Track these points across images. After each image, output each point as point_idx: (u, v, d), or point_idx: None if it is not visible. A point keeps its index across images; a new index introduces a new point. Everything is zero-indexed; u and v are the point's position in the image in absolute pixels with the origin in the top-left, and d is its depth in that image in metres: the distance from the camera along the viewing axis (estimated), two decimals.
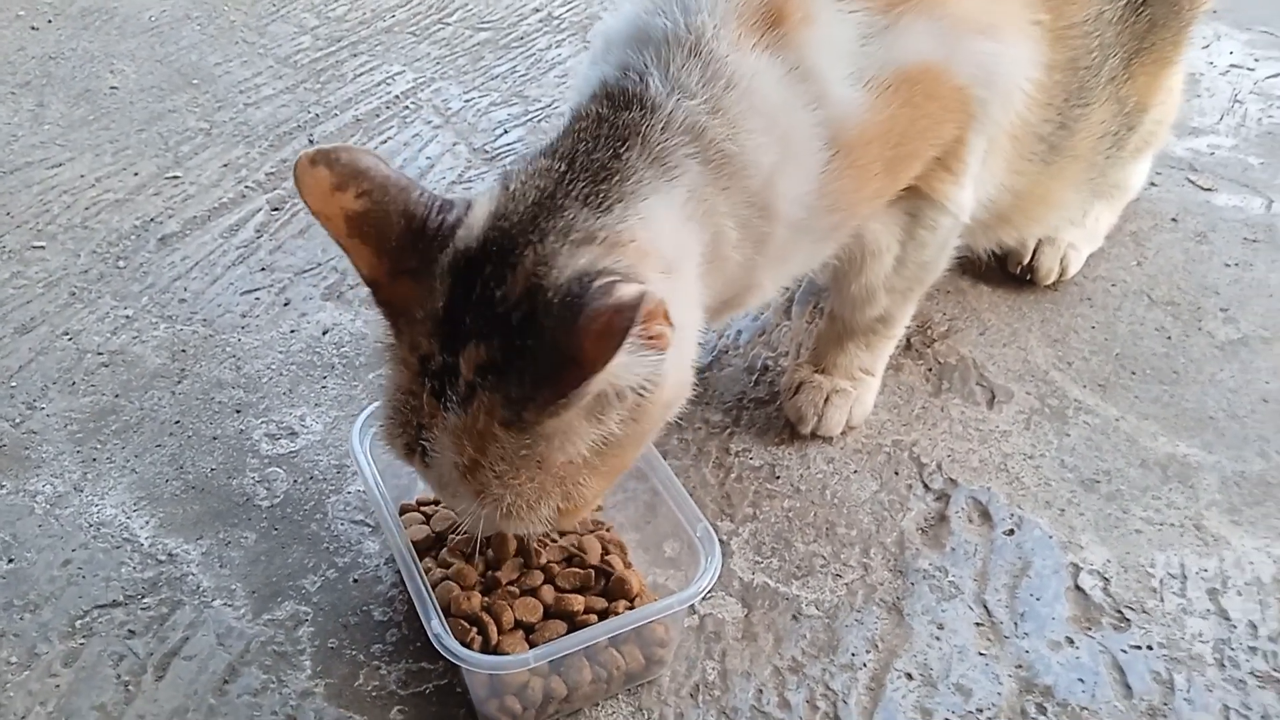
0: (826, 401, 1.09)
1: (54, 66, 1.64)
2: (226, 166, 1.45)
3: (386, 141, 1.50)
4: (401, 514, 0.94)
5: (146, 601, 0.94)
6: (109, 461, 1.06)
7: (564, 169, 0.78)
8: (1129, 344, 1.22)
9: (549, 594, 0.87)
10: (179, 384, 1.15)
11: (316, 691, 0.88)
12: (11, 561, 0.97)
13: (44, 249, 1.31)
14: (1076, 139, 1.08)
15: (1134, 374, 1.18)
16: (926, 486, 1.06)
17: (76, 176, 1.42)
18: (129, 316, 1.22)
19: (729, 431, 1.11)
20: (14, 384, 1.14)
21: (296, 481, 1.05)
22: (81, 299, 1.24)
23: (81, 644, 0.91)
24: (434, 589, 0.85)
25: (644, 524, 0.96)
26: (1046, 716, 0.88)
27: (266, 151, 1.48)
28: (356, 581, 0.97)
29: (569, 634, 0.82)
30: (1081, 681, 0.90)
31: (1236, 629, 0.95)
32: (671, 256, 0.78)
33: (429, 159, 1.47)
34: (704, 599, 0.94)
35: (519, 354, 0.72)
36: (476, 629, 0.84)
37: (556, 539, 0.89)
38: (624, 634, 0.83)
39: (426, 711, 0.87)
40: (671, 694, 0.89)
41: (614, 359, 0.68)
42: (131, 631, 0.92)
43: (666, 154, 0.79)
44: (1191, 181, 1.45)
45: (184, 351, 1.18)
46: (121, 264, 1.30)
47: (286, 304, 1.25)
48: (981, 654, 0.92)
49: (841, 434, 1.10)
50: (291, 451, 1.08)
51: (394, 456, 0.80)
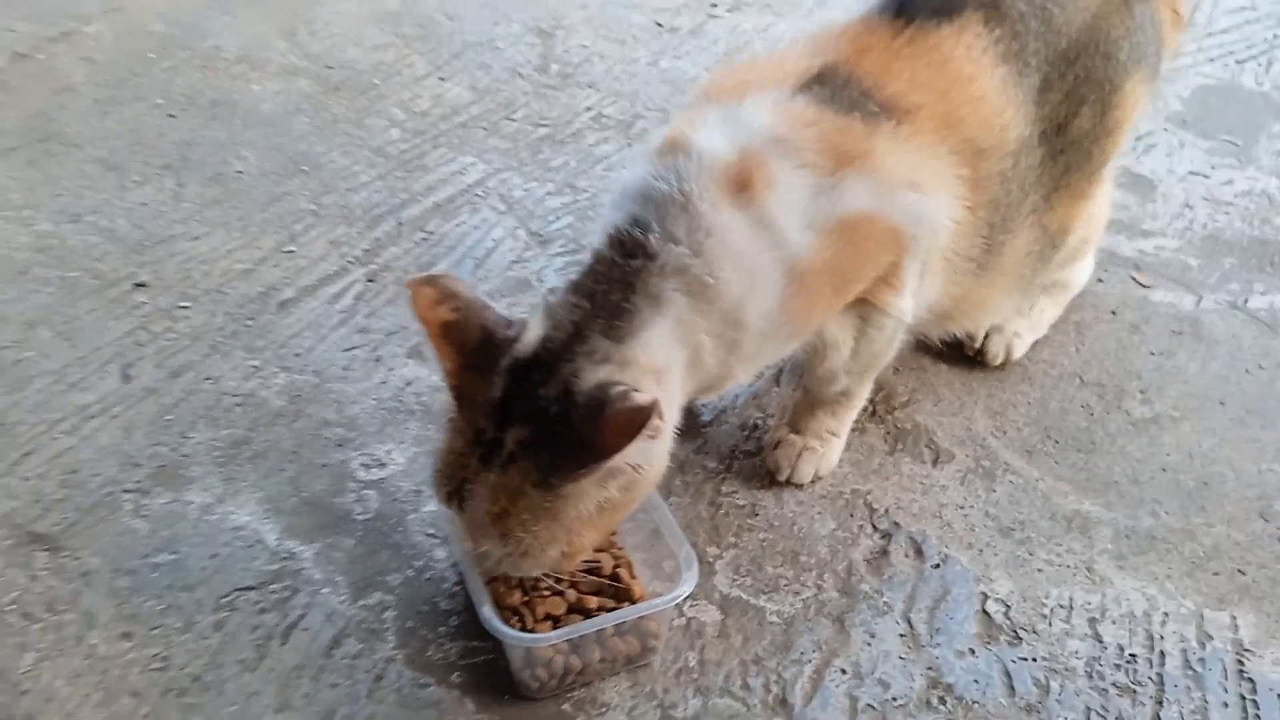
0: (799, 456, 1.38)
1: (189, 151, 1.98)
2: (331, 243, 1.78)
3: (460, 225, 1.82)
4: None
5: (273, 587, 1.26)
6: (244, 481, 1.38)
7: (589, 306, 1.08)
8: (1057, 418, 1.49)
9: (572, 595, 1.17)
10: (295, 422, 1.47)
11: (397, 659, 1.19)
12: (173, 554, 1.29)
13: (189, 309, 1.64)
14: (1004, 258, 1.36)
15: (1057, 443, 1.45)
16: (875, 527, 1.34)
17: (211, 249, 1.76)
18: (256, 366, 1.55)
19: (721, 476, 1.40)
20: (170, 418, 1.47)
21: (384, 502, 1.36)
22: (219, 351, 1.57)
23: (226, 616, 1.23)
24: (485, 587, 1.15)
25: (649, 547, 1.25)
26: (945, 706, 1.16)
27: (364, 231, 1.81)
28: (429, 580, 1.27)
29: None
30: (976, 682, 1.18)
31: (1107, 650, 1.21)
32: (662, 368, 1.08)
33: (494, 240, 1.79)
34: (691, 605, 1.24)
35: (551, 436, 1.02)
36: (517, 617, 1.14)
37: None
38: (625, 625, 1.13)
39: (478, 676, 1.17)
40: (660, 674, 1.18)
41: (630, 447, 0.98)
42: (262, 609, 1.24)
43: (660, 292, 1.09)
44: (1134, 279, 1.72)
45: (299, 396, 1.51)
46: (249, 323, 1.62)
47: (378, 360, 1.57)
48: (902, 658, 1.20)
49: (811, 482, 1.39)
50: (381, 478, 1.39)
51: (437, 500, 1.10)
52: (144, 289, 1.67)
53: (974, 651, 1.21)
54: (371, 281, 1.70)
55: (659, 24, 2.40)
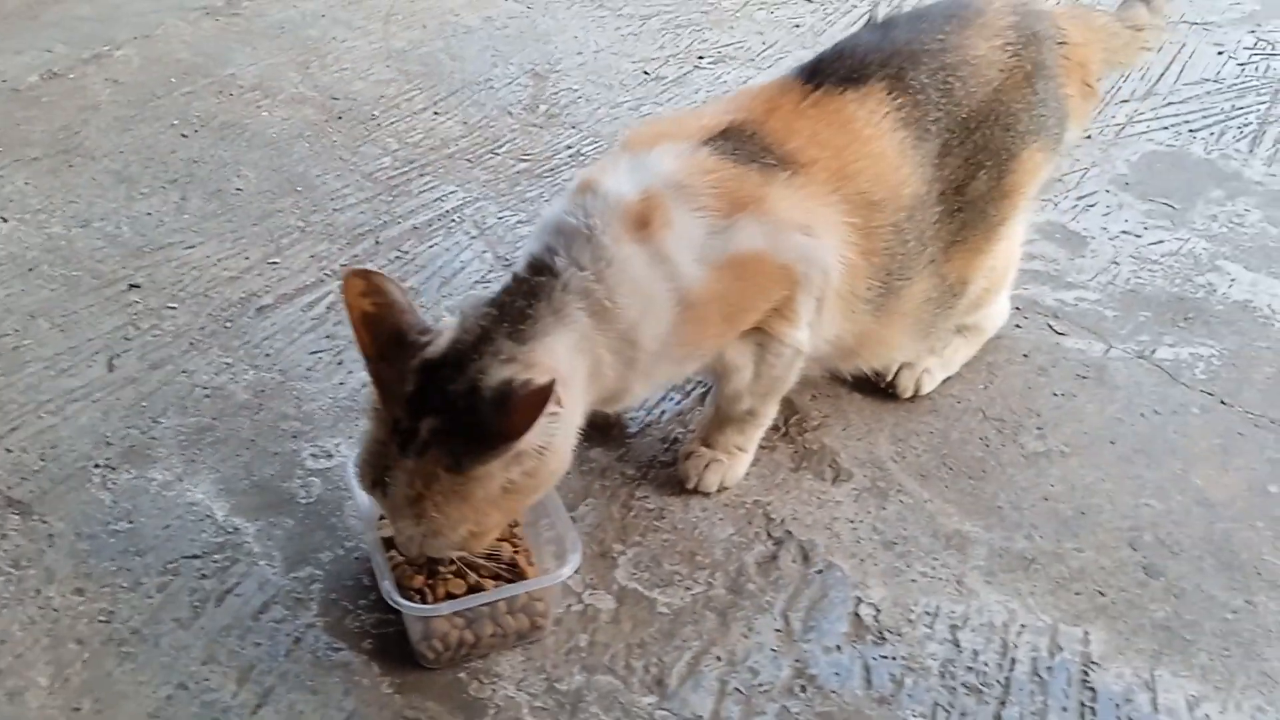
0: (706, 467, 1.50)
1: (196, 169, 2.16)
2: (313, 257, 1.94)
3: (433, 246, 1.98)
4: (380, 519, 1.37)
5: (215, 557, 1.40)
6: (203, 463, 1.53)
7: (497, 314, 1.22)
8: (955, 447, 1.60)
9: (472, 578, 1.30)
10: (257, 414, 1.62)
11: (317, 625, 1.32)
12: (130, 523, 1.44)
13: (175, 310, 1.81)
14: (902, 301, 1.49)
15: (951, 470, 1.57)
16: (769, 535, 1.46)
17: (204, 257, 1.92)
18: (229, 363, 1.71)
19: (637, 483, 1.53)
20: (144, 404, 1.62)
21: (327, 489, 1.50)
22: (197, 348, 1.73)
23: (170, 579, 1.37)
24: (393, 570, 1.28)
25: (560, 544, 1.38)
26: (805, 694, 1.27)
27: (344, 248, 1.97)
28: (357, 559, 1.41)
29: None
30: (838, 675, 1.29)
31: (962, 653, 1.32)
32: (565, 375, 1.21)
33: (462, 262, 1.94)
34: (590, 593, 1.36)
35: (460, 426, 1.15)
36: (420, 596, 1.27)
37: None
38: (516, 603, 1.26)
39: (388, 645, 1.30)
40: (552, 651, 1.30)
41: (535, 426, 1.11)
42: (203, 575, 1.38)
43: (564, 307, 1.22)
44: (1050, 326, 1.83)
45: (263, 391, 1.66)
46: (228, 325, 1.78)
47: (340, 364, 1.71)
48: (774, 650, 1.32)
49: (717, 492, 1.51)
50: (327, 468, 1.53)
51: (361, 487, 1.23)
52: (137, 290, 1.84)
53: (840, 648, 1.32)
54: None
55: (646, 72, 2.56)
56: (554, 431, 1.18)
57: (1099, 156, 2.28)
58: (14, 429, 1.56)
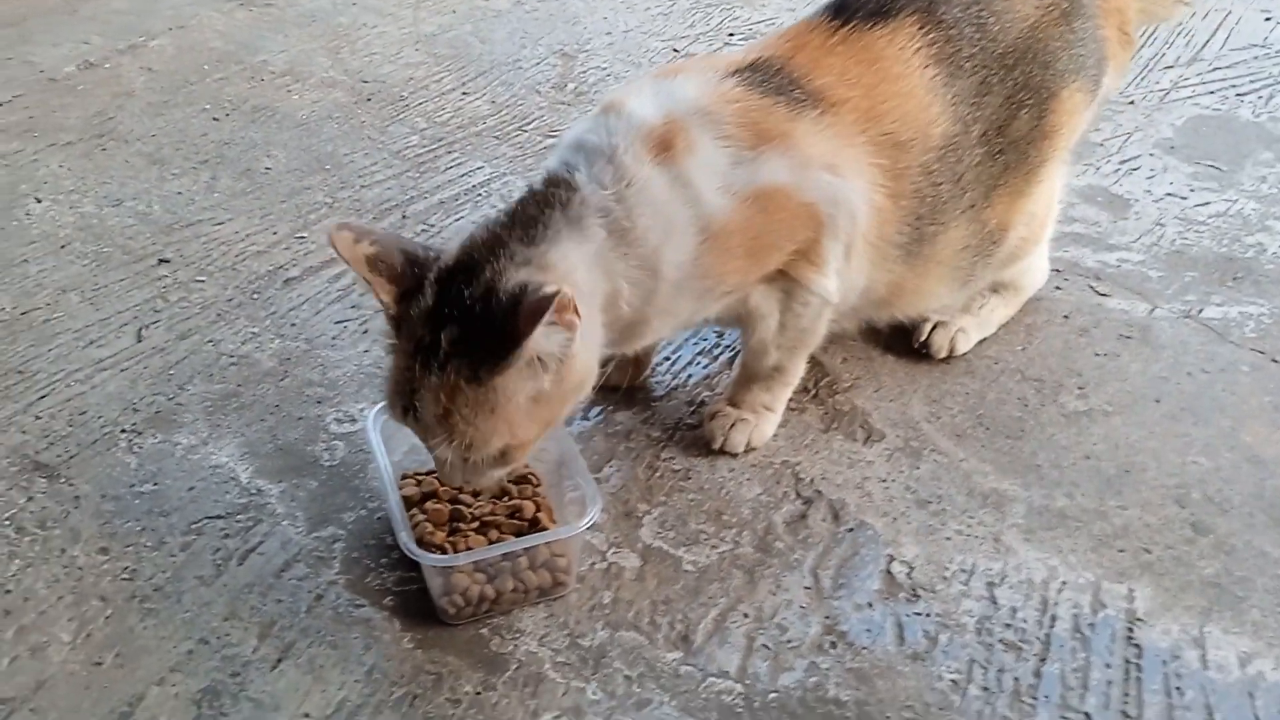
0: (732, 427, 1.47)
1: (226, 150, 2.17)
2: None
3: (459, 219, 1.96)
4: (401, 479, 1.35)
5: (239, 518, 1.39)
6: (228, 428, 1.52)
7: (509, 221, 1.20)
8: (992, 408, 1.56)
9: (494, 535, 1.27)
10: (282, 381, 1.61)
11: (339, 583, 1.31)
12: (155, 485, 1.43)
13: (204, 283, 1.81)
14: (937, 249, 1.45)
15: (987, 429, 1.52)
16: (798, 494, 1.43)
17: (232, 233, 1.93)
18: (255, 333, 1.70)
19: (662, 445, 1.50)
20: (172, 372, 1.62)
21: (350, 452, 1.49)
22: (224, 319, 1.73)
23: (193, 539, 1.36)
24: (414, 529, 1.26)
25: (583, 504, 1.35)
26: (835, 650, 1.23)
27: (371, 222, 1.96)
28: (379, 520, 1.39)
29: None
30: (869, 631, 1.25)
31: (999, 610, 1.28)
32: (582, 287, 1.18)
33: None
34: (614, 551, 1.34)
35: (479, 333, 1.12)
36: (440, 551, 1.25)
37: (504, 496, 1.29)
38: (537, 558, 1.23)
39: (409, 601, 1.28)
40: (575, 608, 1.28)
41: (535, 332, 1.08)
42: (226, 535, 1.37)
43: (582, 219, 1.20)
44: (1092, 288, 1.78)
45: (289, 359, 1.65)
46: (255, 296, 1.78)
47: (365, 332, 1.70)
48: (803, 607, 1.28)
49: (745, 453, 1.48)
50: (350, 432, 1.52)
51: (392, 417, 1.22)
52: (167, 264, 1.84)
53: (871, 605, 1.28)
54: None
55: (675, 50, 2.54)
56: (569, 340, 1.14)
57: (1142, 121, 2.22)
58: (43, 396, 1.57)
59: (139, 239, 1.90)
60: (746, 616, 1.27)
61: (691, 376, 1.62)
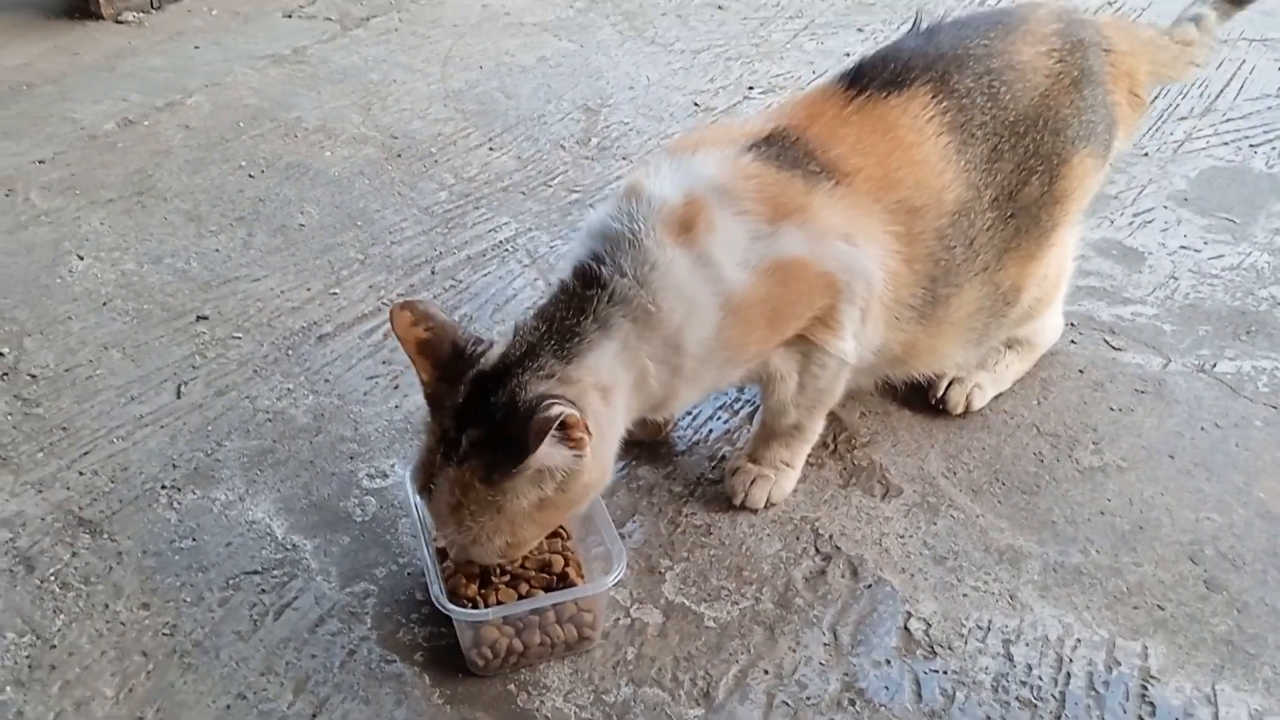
0: (753, 483, 1.50)
1: (262, 206, 2.24)
2: (371, 288, 1.99)
3: (487, 275, 2.02)
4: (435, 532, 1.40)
5: (275, 573, 1.44)
6: (264, 484, 1.58)
7: (544, 329, 1.25)
8: (1008, 463, 1.59)
9: (524, 588, 1.32)
10: (316, 437, 1.66)
11: (371, 638, 1.35)
12: (194, 541, 1.49)
13: (241, 339, 1.87)
14: (951, 310, 1.48)
15: (1003, 485, 1.55)
16: (817, 550, 1.46)
17: (268, 289, 1.99)
18: (290, 389, 1.76)
19: (684, 500, 1.54)
20: (210, 428, 1.68)
21: (381, 507, 1.53)
22: (261, 375, 1.79)
23: (230, 594, 1.41)
24: (446, 581, 1.30)
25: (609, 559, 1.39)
26: (854, 707, 1.26)
27: (401, 278, 2.02)
28: (410, 574, 1.43)
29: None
30: (887, 689, 1.28)
31: (1016, 668, 1.30)
32: (608, 386, 1.23)
33: (514, 289, 1.98)
34: (637, 607, 1.37)
35: (497, 438, 1.18)
36: (472, 605, 1.29)
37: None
38: (564, 613, 1.27)
39: (439, 656, 1.32)
40: (600, 664, 1.31)
41: (540, 449, 1.13)
42: (263, 590, 1.41)
43: (609, 317, 1.25)
44: (1107, 342, 1.81)
45: (322, 415, 1.70)
46: (290, 352, 1.84)
47: (396, 388, 1.76)
48: (822, 664, 1.31)
49: (765, 508, 1.51)
50: (382, 487, 1.57)
51: (414, 491, 1.27)
52: (205, 321, 1.91)
53: (890, 662, 1.31)
54: None
55: (696, 104, 2.60)
56: (578, 457, 1.19)
57: (1156, 173, 2.26)
58: (86, 453, 1.62)
59: (178, 296, 1.97)
60: (767, 673, 1.30)
61: (712, 431, 1.66)
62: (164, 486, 1.57)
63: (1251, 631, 1.33)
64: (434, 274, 2.03)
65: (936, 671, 1.30)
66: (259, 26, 3.01)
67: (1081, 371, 1.75)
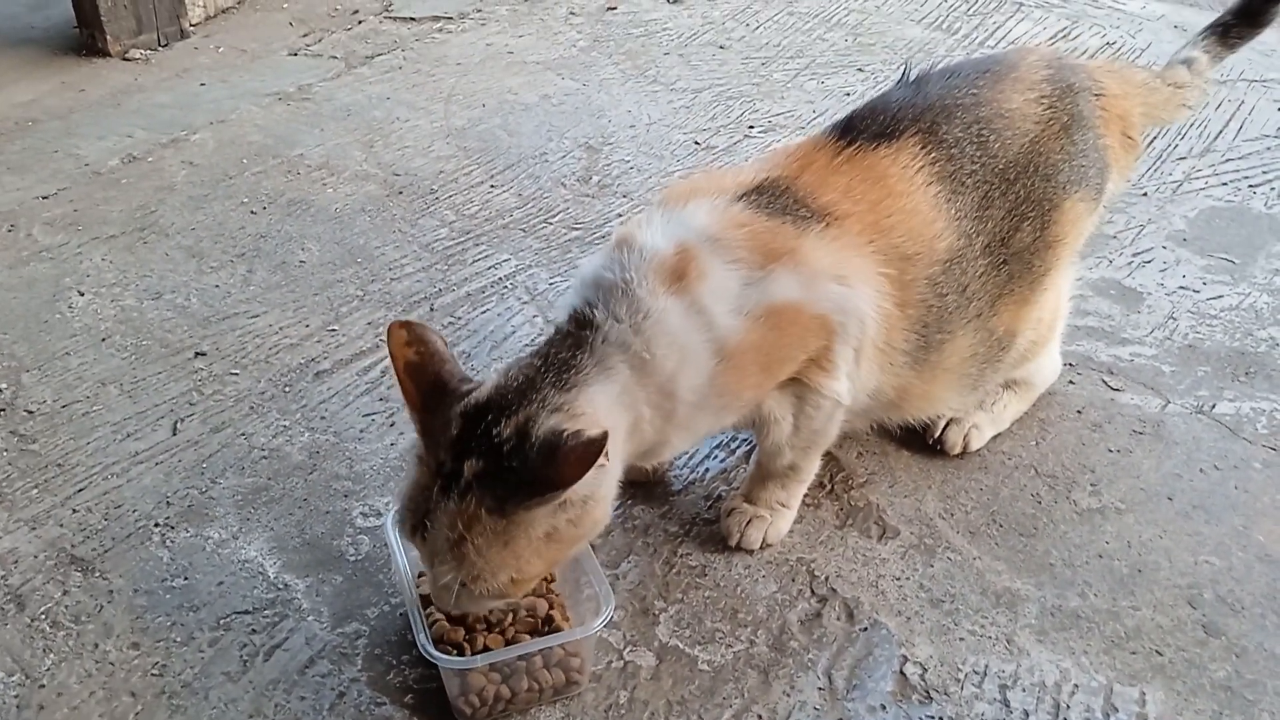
0: (748, 524, 1.50)
1: (263, 243, 2.25)
2: (370, 325, 2.00)
3: (485, 311, 2.02)
4: (418, 577, 1.39)
5: (266, 613, 1.43)
6: (257, 522, 1.57)
7: (541, 365, 1.24)
8: (1006, 504, 1.58)
9: (510, 634, 1.30)
10: (310, 474, 1.66)
11: (361, 680, 1.34)
12: (186, 579, 1.48)
13: (238, 375, 1.87)
14: (945, 356, 1.48)
15: (1001, 527, 1.54)
16: (813, 592, 1.45)
17: (266, 326, 1.99)
18: (286, 426, 1.76)
19: (679, 540, 1.53)
20: (204, 465, 1.67)
21: (374, 546, 1.53)
22: (257, 412, 1.79)
23: (221, 634, 1.40)
24: (431, 627, 1.29)
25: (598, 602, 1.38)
26: None
27: (399, 315, 2.02)
28: (401, 615, 1.42)
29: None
30: None
31: (1012, 714, 1.29)
32: (608, 426, 1.23)
33: (513, 327, 1.98)
34: (630, 650, 1.36)
35: (506, 470, 1.17)
36: (458, 651, 1.28)
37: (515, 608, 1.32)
38: (551, 658, 1.26)
39: (428, 700, 1.31)
40: (591, 707, 1.30)
41: (585, 476, 1.12)
42: (253, 630, 1.40)
43: (606, 359, 1.24)
44: (1105, 383, 1.81)
45: (318, 452, 1.70)
46: (287, 389, 1.84)
47: (393, 425, 1.75)
48: (816, 708, 1.30)
49: (760, 549, 1.50)
50: (375, 526, 1.56)
51: (402, 534, 1.25)
52: (203, 357, 1.91)
53: (885, 708, 1.29)
54: None
55: (697, 143, 2.61)
56: (600, 482, 1.19)
57: (1155, 213, 2.26)
58: (80, 490, 1.62)
59: (177, 332, 1.97)
60: (760, 718, 1.29)
61: (708, 471, 1.65)
62: (157, 524, 1.57)
63: (1250, 677, 1.31)
64: (433, 310, 2.03)
65: (932, 717, 1.28)
66: (265, 64, 3.03)
67: (1080, 412, 1.74)
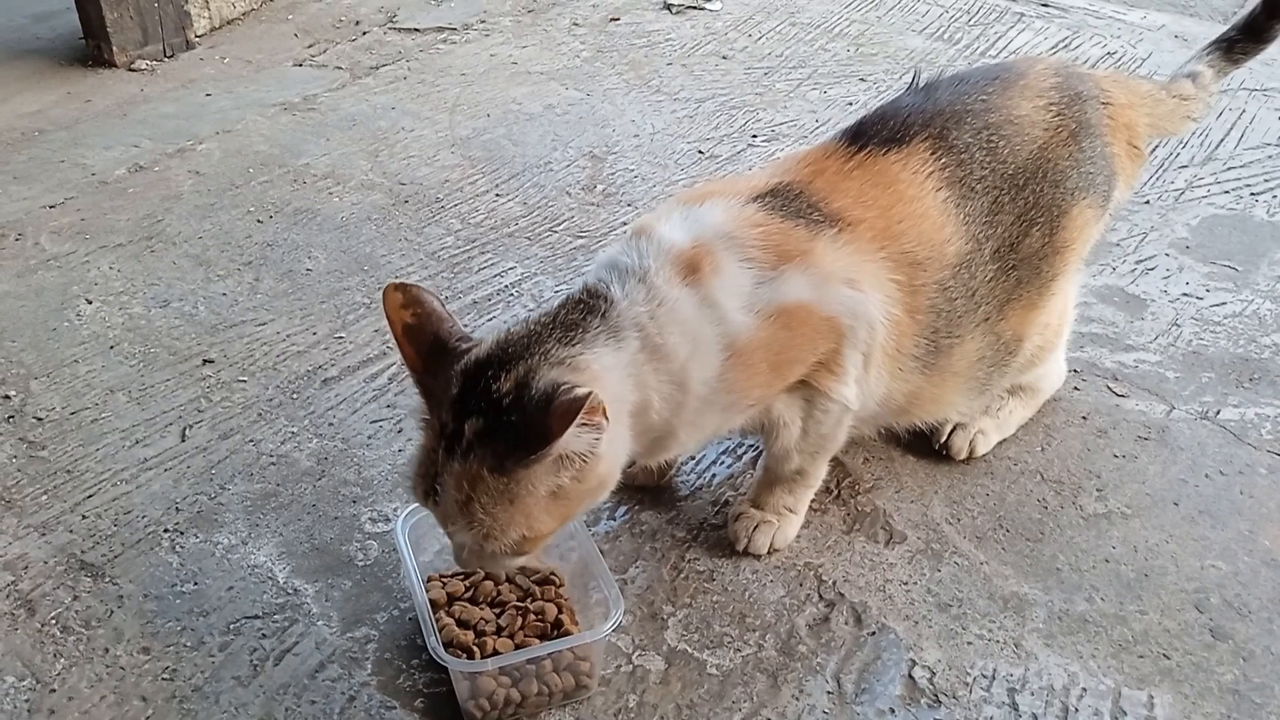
0: (756, 529, 1.50)
1: (270, 251, 2.26)
2: (377, 332, 2.00)
3: (492, 319, 2.03)
4: (427, 581, 1.39)
5: (276, 618, 1.43)
6: (266, 528, 1.58)
7: (549, 322, 1.25)
8: (1012, 510, 1.58)
9: (519, 638, 1.31)
10: (319, 480, 1.66)
11: (371, 684, 1.34)
12: (196, 585, 1.48)
13: (246, 382, 1.88)
14: (954, 360, 1.49)
15: (1008, 532, 1.55)
16: (821, 596, 1.45)
17: (274, 333, 2.00)
18: (294, 432, 1.76)
19: (687, 545, 1.54)
20: (213, 472, 1.68)
21: (383, 551, 1.53)
22: (265, 419, 1.79)
23: (231, 639, 1.40)
24: (441, 631, 1.30)
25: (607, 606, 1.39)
26: None
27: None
28: (410, 620, 1.43)
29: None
30: None
31: (1021, 717, 1.29)
32: (614, 394, 1.23)
33: None
34: (639, 654, 1.36)
35: (505, 426, 1.16)
36: (467, 654, 1.28)
37: (528, 598, 1.32)
38: (561, 662, 1.27)
39: (439, 703, 1.31)
40: (601, 711, 1.30)
41: (567, 432, 1.12)
42: (263, 635, 1.41)
43: (618, 328, 1.25)
44: (1110, 389, 1.81)
45: (326, 459, 1.71)
46: (295, 396, 1.85)
47: (400, 432, 1.76)
48: (825, 712, 1.30)
49: (768, 554, 1.51)
50: (384, 531, 1.57)
51: (414, 499, 1.25)
52: (211, 364, 1.92)
53: (894, 711, 1.30)
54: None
55: (701, 152, 2.63)
56: (596, 441, 1.17)
57: (1158, 221, 2.27)
58: (90, 496, 1.63)
59: (185, 339, 1.98)
60: None
61: (716, 476, 1.66)
62: (166, 530, 1.57)
63: (1258, 681, 1.32)
64: None
65: None
66: (270, 75, 3.05)
67: (1085, 418, 1.75)
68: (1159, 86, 1.70)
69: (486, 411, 1.18)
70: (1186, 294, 2.05)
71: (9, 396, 1.83)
